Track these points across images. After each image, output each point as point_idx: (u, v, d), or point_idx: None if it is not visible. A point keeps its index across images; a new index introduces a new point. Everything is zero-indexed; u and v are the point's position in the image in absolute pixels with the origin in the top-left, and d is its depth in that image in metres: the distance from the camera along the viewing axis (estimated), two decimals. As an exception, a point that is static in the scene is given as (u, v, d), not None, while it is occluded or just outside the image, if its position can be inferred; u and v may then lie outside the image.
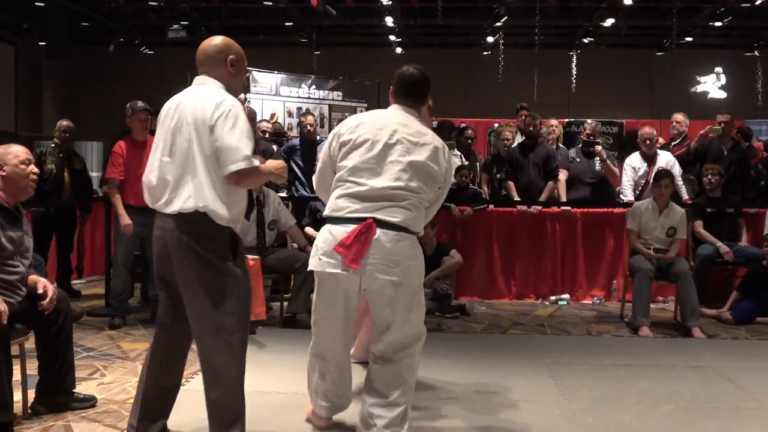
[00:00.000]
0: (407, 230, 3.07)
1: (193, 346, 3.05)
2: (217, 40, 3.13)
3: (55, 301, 3.48)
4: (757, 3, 12.26)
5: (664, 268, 5.93)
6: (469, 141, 8.35)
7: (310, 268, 3.17)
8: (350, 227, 2.99)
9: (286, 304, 5.97)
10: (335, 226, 3.07)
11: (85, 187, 7.14)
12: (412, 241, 3.12)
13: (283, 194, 6.95)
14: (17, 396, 3.50)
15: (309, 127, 7.70)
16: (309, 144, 7.64)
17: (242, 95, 10.34)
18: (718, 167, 6.71)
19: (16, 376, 3.50)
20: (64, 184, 6.79)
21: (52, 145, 6.79)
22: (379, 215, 3.01)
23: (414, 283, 3.15)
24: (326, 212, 3.13)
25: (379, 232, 2.99)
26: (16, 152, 3.50)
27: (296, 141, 7.86)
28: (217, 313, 2.87)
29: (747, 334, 5.79)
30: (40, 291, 3.44)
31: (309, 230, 6.56)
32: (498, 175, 7.80)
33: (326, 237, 3.09)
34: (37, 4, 12.92)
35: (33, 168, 3.54)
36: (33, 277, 3.54)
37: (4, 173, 3.46)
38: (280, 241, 6.29)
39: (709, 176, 6.61)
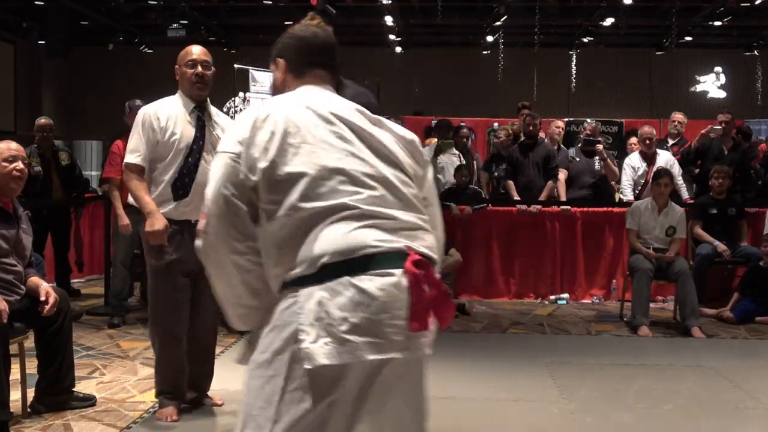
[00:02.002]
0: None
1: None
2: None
3: (55, 308, 3.47)
4: (756, 2, 12.26)
5: (663, 268, 5.93)
6: (465, 140, 8.34)
7: (321, 361, 1.65)
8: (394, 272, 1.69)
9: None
10: (364, 276, 1.68)
11: (75, 183, 7.04)
12: None
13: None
14: (16, 395, 3.50)
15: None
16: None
17: (241, 94, 10.36)
18: (727, 169, 6.70)
19: (15, 375, 3.50)
20: (53, 184, 6.70)
21: (35, 146, 6.61)
22: (415, 244, 1.76)
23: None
24: (326, 257, 1.69)
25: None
26: (1, 149, 3.45)
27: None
28: None
29: (746, 334, 5.79)
30: (43, 297, 3.44)
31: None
32: (495, 173, 7.81)
33: (353, 298, 1.67)
34: (36, 3, 12.91)
35: (17, 165, 3.45)
36: (35, 280, 3.53)
37: None
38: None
39: (720, 179, 6.60)
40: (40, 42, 14.75)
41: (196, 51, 3.61)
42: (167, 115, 3.52)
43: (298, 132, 1.78)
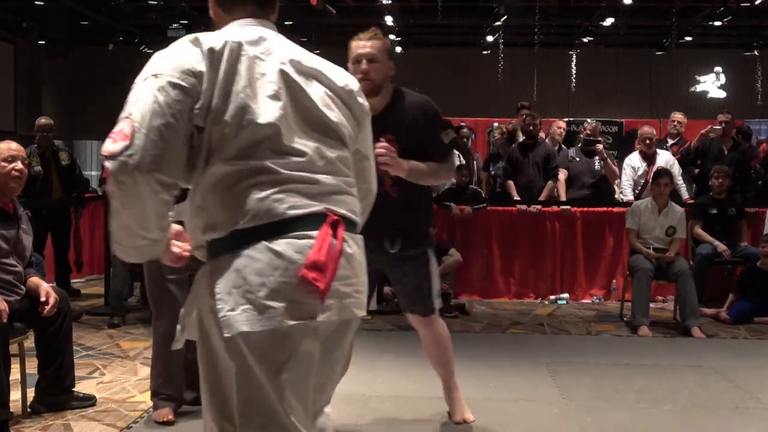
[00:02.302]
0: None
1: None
2: None
3: (56, 308, 3.48)
4: (756, 2, 12.26)
5: (663, 268, 5.93)
6: (465, 140, 8.35)
7: (241, 328, 1.61)
8: (312, 234, 1.66)
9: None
10: (281, 240, 1.65)
11: (75, 183, 7.04)
12: None
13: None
14: (16, 395, 3.50)
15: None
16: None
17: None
18: (727, 169, 6.70)
19: (15, 375, 3.50)
20: (53, 184, 6.71)
21: (35, 145, 6.62)
22: (336, 207, 1.74)
23: None
24: (244, 222, 1.66)
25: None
26: (0, 149, 3.45)
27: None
28: None
29: (746, 334, 5.79)
30: (43, 298, 3.44)
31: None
32: (492, 171, 7.81)
33: (270, 263, 1.63)
34: (36, 2, 12.92)
35: (17, 165, 3.44)
36: (35, 280, 3.53)
37: None
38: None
39: (720, 179, 6.61)
40: (40, 42, 14.75)
41: None
42: None
43: (248, 81, 1.70)
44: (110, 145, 1.61)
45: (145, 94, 1.64)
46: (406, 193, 3.09)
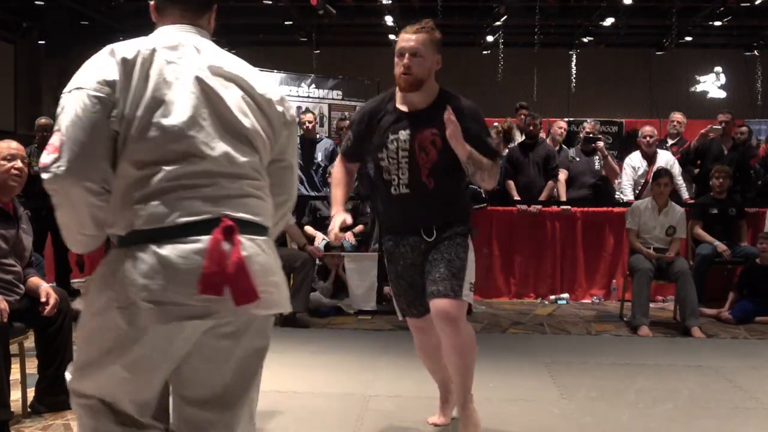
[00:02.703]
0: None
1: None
2: None
3: (56, 308, 3.48)
4: (756, 2, 12.28)
5: (663, 268, 5.93)
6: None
7: (121, 325, 1.74)
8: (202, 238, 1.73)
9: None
10: (168, 244, 1.73)
11: None
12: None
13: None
14: (16, 395, 3.50)
15: (308, 125, 7.71)
16: (308, 142, 7.64)
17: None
18: (727, 169, 6.70)
19: (15, 374, 3.50)
20: None
21: (35, 145, 6.57)
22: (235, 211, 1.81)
23: None
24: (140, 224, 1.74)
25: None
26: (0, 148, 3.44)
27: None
28: None
29: (746, 334, 5.79)
30: (43, 298, 3.44)
31: (308, 229, 6.57)
32: None
33: (154, 266, 1.71)
34: (36, 2, 12.93)
35: (16, 164, 3.42)
36: (35, 280, 3.53)
37: None
38: (279, 240, 6.27)
39: (720, 179, 6.61)
40: (40, 42, 14.77)
41: None
42: None
43: (159, 86, 1.77)
44: (44, 157, 1.75)
45: (70, 107, 1.77)
46: (442, 184, 3.02)
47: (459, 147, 2.89)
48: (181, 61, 1.81)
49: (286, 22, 14.34)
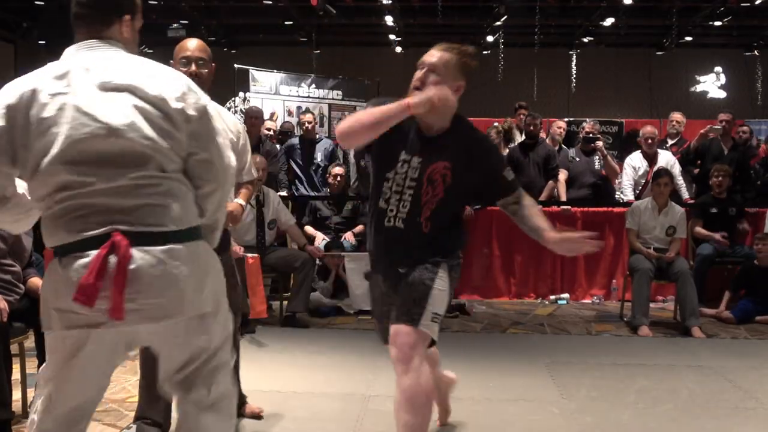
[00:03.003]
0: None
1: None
2: None
3: None
4: (756, 2, 12.28)
5: (663, 268, 5.93)
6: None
7: (43, 329, 2.04)
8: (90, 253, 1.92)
9: (285, 303, 5.98)
10: (68, 259, 1.94)
11: None
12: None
13: (283, 193, 6.95)
14: (17, 395, 3.50)
15: (308, 125, 7.71)
16: (308, 143, 7.65)
17: (241, 94, 10.34)
18: (727, 168, 6.71)
19: (16, 374, 3.50)
20: None
21: None
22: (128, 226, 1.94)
23: None
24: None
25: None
26: None
27: (295, 140, 7.87)
28: None
29: (746, 334, 5.79)
30: None
31: (308, 229, 6.57)
32: None
33: (59, 279, 1.95)
34: (36, 3, 12.93)
35: None
36: (35, 281, 3.53)
37: None
38: (279, 240, 6.30)
39: (720, 177, 6.61)
40: (40, 42, 14.75)
41: (191, 46, 3.15)
42: None
43: (41, 125, 1.90)
44: None
45: None
46: (438, 228, 2.73)
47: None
48: (68, 89, 1.93)
49: (286, 22, 14.35)
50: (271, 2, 12.76)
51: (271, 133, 7.80)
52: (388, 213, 2.71)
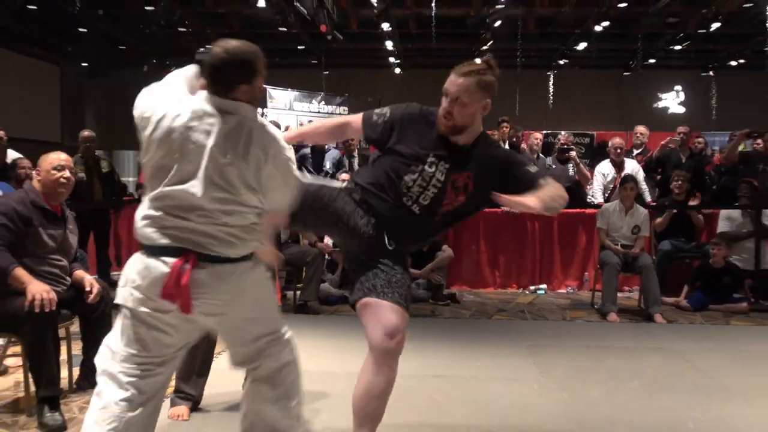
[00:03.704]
0: None
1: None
2: None
3: (99, 297, 3.49)
4: (712, 29, 12.29)
5: (629, 262, 5.93)
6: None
7: (116, 301, 2.24)
8: (168, 260, 2.17)
9: (298, 293, 5.98)
10: (152, 258, 2.19)
11: (114, 188, 7.03)
12: None
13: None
14: (64, 373, 3.51)
15: (318, 138, 7.70)
16: (318, 152, 7.65)
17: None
18: (686, 174, 6.70)
19: (63, 355, 3.51)
20: (94, 188, 6.70)
21: (79, 155, 6.60)
22: (200, 249, 2.14)
23: None
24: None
25: None
26: (50, 159, 3.45)
27: (307, 150, 7.87)
28: None
29: (702, 320, 5.79)
30: (88, 288, 3.46)
31: (318, 228, 6.56)
32: None
33: (142, 269, 2.19)
34: (80, 30, 12.94)
35: (65, 174, 3.43)
36: (80, 273, 3.53)
37: (41, 178, 3.42)
38: (293, 238, 6.30)
39: (679, 182, 6.61)
40: (83, 64, 14.78)
41: None
42: None
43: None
44: None
45: None
46: (447, 224, 2.62)
47: (525, 207, 2.37)
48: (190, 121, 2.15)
49: (299, 47, 14.35)
50: (285, 29, 12.76)
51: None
52: (408, 195, 2.49)
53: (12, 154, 6.39)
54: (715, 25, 12.09)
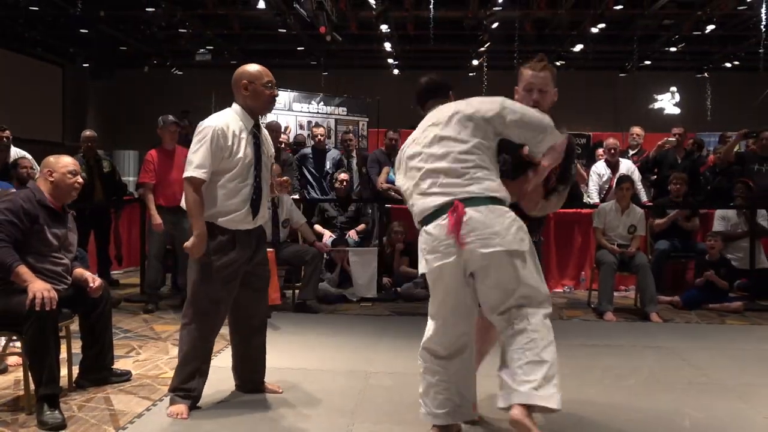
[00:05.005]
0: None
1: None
2: (238, 69, 3.27)
3: (101, 289, 3.48)
4: (707, 31, 12.29)
5: (625, 261, 5.92)
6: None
7: (421, 272, 2.69)
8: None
9: (297, 291, 5.97)
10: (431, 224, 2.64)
11: (115, 188, 7.01)
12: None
13: (296, 196, 6.93)
14: (63, 371, 3.49)
15: (320, 137, 7.68)
16: (319, 152, 7.63)
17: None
18: (684, 176, 6.68)
19: (63, 354, 3.49)
20: (95, 188, 6.67)
21: (81, 154, 6.55)
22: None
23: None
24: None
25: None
26: (66, 163, 3.47)
27: (308, 150, 7.85)
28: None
29: (698, 319, 5.78)
30: (90, 282, 3.46)
31: (317, 227, 6.56)
32: None
33: (427, 238, 2.65)
34: (82, 31, 12.92)
35: (78, 179, 3.49)
36: (80, 271, 3.52)
37: (53, 179, 3.43)
38: (292, 237, 6.29)
39: (677, 185, 6.59)
40: (84, 65, 14.76)
41: (270, 74, 3.27)
42: (233, 132, 3.16)
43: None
44: None
45: None
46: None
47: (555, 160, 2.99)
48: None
49: (298, 48, 14.34)
50: (285, 31, 12.74)
51: (283, 145, 7.78)
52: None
53: (17, 152, 6.37)
54: (709, 28, 12.10)
